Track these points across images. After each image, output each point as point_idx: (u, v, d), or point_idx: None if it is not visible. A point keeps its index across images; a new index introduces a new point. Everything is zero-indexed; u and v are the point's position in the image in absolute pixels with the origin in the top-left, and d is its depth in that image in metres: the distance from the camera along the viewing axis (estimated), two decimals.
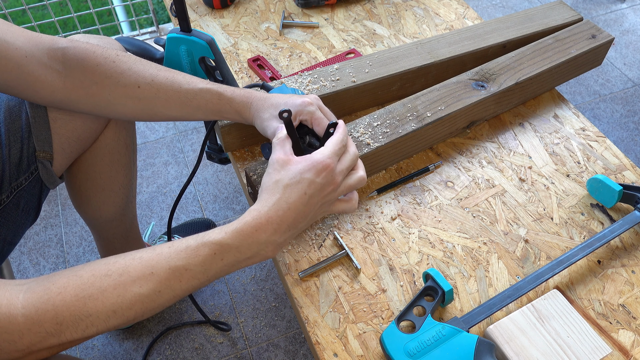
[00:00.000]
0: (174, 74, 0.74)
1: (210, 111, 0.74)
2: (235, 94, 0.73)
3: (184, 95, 0.73)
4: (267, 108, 0.71)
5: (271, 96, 0.72)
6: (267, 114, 0.71)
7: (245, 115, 0.73)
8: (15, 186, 0.80)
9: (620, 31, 2.06)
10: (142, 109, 0.74)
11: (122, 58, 0.73)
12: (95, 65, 0.71)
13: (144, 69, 0.73)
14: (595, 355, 0.63)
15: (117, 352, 1.21)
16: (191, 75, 0.75)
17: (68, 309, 0.51)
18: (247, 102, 0.73)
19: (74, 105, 0.75)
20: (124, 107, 0.74)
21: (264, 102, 0.72)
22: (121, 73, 0.72)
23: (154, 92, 0.73)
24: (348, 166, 0.63)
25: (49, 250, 1.39)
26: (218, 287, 1.31)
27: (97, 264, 0.55)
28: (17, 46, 0.67)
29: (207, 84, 0.73)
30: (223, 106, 0.73)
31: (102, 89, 0.72)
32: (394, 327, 0.64)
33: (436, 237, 0.78)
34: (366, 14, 1.15)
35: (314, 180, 0.58)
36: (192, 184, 1.55)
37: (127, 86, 0.72)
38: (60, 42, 0.71)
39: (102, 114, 0.77)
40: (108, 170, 0.97)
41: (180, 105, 0.73)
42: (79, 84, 0.72)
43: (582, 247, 0.72)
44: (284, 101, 0.71)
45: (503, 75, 0.91)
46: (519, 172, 0.86)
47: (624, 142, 1.68)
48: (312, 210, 0.60)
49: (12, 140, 0.78)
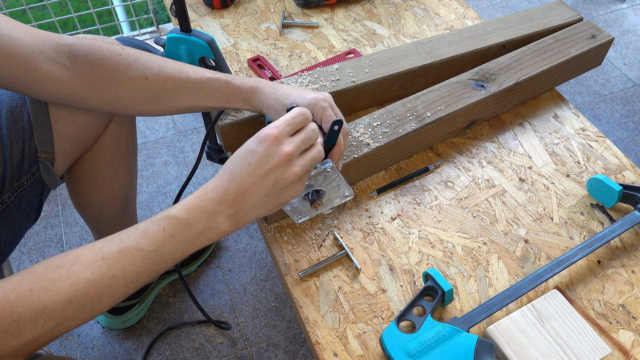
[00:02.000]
0: (181, 64, 0.74)
1: (219, 99, 0.74)
2: (244, 82, 0.73)
3: (192, 85, 0.73)
4: (279, 97, 0.70)
5: (281, 86, 0.72)
6: (280, 104, 0.70)
7: (254, 102, 0.73)
8: (16, 187, 0.80)
9: (620, 31, 2.06)
10: (151, 100, 0.74)
11: (129, 51, 0.73)
12: (102, 59, 0.71)
13: (151, 60, 0.73)
14: (595, 355, 0.63)
15: (117, 352, 1.21)
16: (197, 67, 0.75)
17: (23, 303, 0.51)
18: (256, 90, 0.72)
19: (81, 100, 0.74)
20: (132, 100, 0.74)
21: (275, 90, 0.71)
22: (128, 66, 0.72)
23: (162, 83, 0.73)
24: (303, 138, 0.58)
25: (49, 250, 1.40)
26: (218, 287, 1.31)
27: (51, 259, 0.54)
28: (23, 42, 0.67)
29: (214, 74, 0.73)
30: (232, 94, 0.73)
31: (110, 83, 0.72)
32: (394, 327, 0.64)
33: (436, 237, 0.78)
34: (366, 14, 1.15)
35: (255, 150, 0.56)
36: (192, 184, 1.55)
37: (135, 78, 0.72)
38: (66, 39, 0.71)
39: (110, 109, 0.77)
40: (108, 171, 0.97)
41: (189, 95, 0.73)
42: (87, 78, 0.72)
43: (582, 247, 0.72)
44: (297, 93, 0.70)
45: (503, 75, 0.91)
46: (519, 172, 0.86)
47: (624, 142, 1.68)
48: (264, 184, 0.56)
49: (14, 140, 0.78)
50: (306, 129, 0.60)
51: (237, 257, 1.36)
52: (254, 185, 0.56)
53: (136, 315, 1.22)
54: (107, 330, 1.24)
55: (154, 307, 1.27)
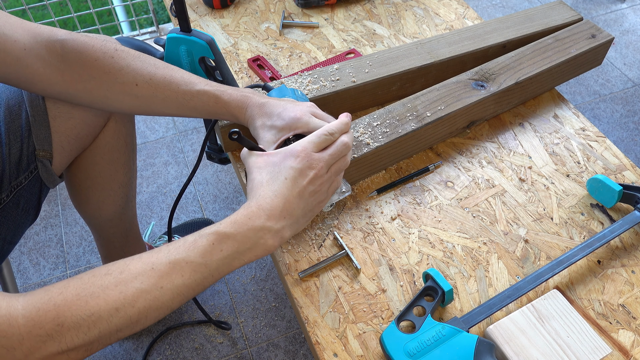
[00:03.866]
0: (172, 72, 0.74)
1: (207, 113, 0.75)
2: (232, 98, 0.73)
3: (182, 97, 0.73)
4: (261, 116, 0.71)
5: (267, 103, 0.71)
6: (260, 122, 0.71)
7: (240, 118, 0.74)
8: (15, 185, 0.80)
9: (620, 31, 2.06)
10: (140, 105, 0.75)
11: (121, 54, 0.73)
12: (94, 60, 0.71)
13: (142, 66, 0.73)
14: (595, 355, 0.63)
15: (117, 352, 1.21)
16: (190, 74, 0.75)
17: (69, 308, 0.50)
18: (244, 106, 0.73)
19: (71, 98, 0.75)
20: (121, 103, 0.75)
21: (259, 109, 0.71)
22: (119, 70, 0.72)
23: (152, 91, 0.73)
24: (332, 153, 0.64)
25: (49, 250, 1.39)
26: (218, 287, 1.31)
27: (98, 268, 0.54)
28: (15, 39, 0.67)
29: (205, 85, 0.73)
30: (219, 109, 0.74)
31: (100, 85, 0.72)
32: (394, 327, 0.64)
33: (436, 237, 0.78)
34: (366, 14, 1.15)
35: (291, 166, 0.60)
36: (192, 184, 1.55)
37: (125, 84, 0.72)
38: (59, 34, 0.71)
39: (99, 108, 0.77)
40: (108, 169, 0.97)
41: (178, 105, 0.74)
42: (77, 77, 0.72)
43: (582, 247, 0.72)
44: (278, 111, 0.70)
45: (503, 75, 0.91)
46: (519, 172, 0.86)
47: (624, 142, 1.68)
48: (302, 196, 0.60)
49: (12, 139, 0.78)
50: (336, 144, 0.65)
51: None
52: (296, 199, 0.60)
53: None
54: None
55: None
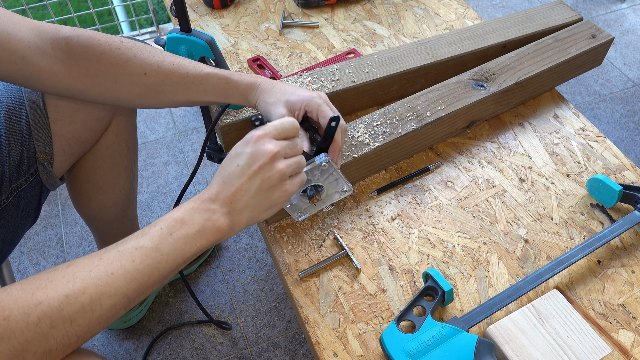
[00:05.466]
0: (180, 59, 0.74)
1: (217, 95, 0.75)
2: (242, 78, 0.74)
3: (191, 81, 0.73)
4: (275, 92, 0.72)
5: (278, 83, 0.73)
6: (274, 98, 0.71)
7: (250, 99, 0.74)
8: (15, 187, 0.80)
9: (620, 31, 2.06)
10: (149, 95, 0.75)
11: (127, 45, 0.73)
12: (100, 53, 0.71)
13: (150, 55, 0.73)
14: (595, 355, 0.63)
15: (117, 352, 1.21)
16: (196, 61, 0.75)
17: (15, 301, 0.47)
18: (254, 86, 0.74)
19: (80, 93, 0.74)
20: (130, 94, 0.75)
21: (272, 86, 0.73)
22: (127, 60, 0.72)
23: (161, 79, 0.73)
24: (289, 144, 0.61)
25: (49, 250, 1.40)
26: (218, 287, 1.31)
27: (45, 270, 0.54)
28: (20, 37, 0.67)
29: (213, 69, 0.74)
30: (230, 90, 0.74)
31: (108, 77, 0.72)
32: (394, 327, 0.64)
33: (436, 237, 0.78)
34: (366, 14, 1.15)
35: (242, 151, 0.59)
36: (192, 184, 1.55)
37: (133, 74, 0.72)
38: (63, 31, 0.71)
39: (108, 101, 0.77)
40: (109, 172, 0.97)
41: (187, 90, 0.74)
42: (85, 72, 0.72)
43: (582, 247, 0.72)
44: (292, 90, 0.72)
45: (503, 75, 0.91)
46: (519, 172, 0.86)
47: (624, 142, 1.68)
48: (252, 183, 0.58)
49: (12, 141, 0.78)
50: (294, 140, 0.62)
51: (237, 257, 1.36)
52: (243, 185, 0.59)
53: (136, 315, 1.22)
54: (107, 330, 1.24)
55: (154, 307, 1.27)
